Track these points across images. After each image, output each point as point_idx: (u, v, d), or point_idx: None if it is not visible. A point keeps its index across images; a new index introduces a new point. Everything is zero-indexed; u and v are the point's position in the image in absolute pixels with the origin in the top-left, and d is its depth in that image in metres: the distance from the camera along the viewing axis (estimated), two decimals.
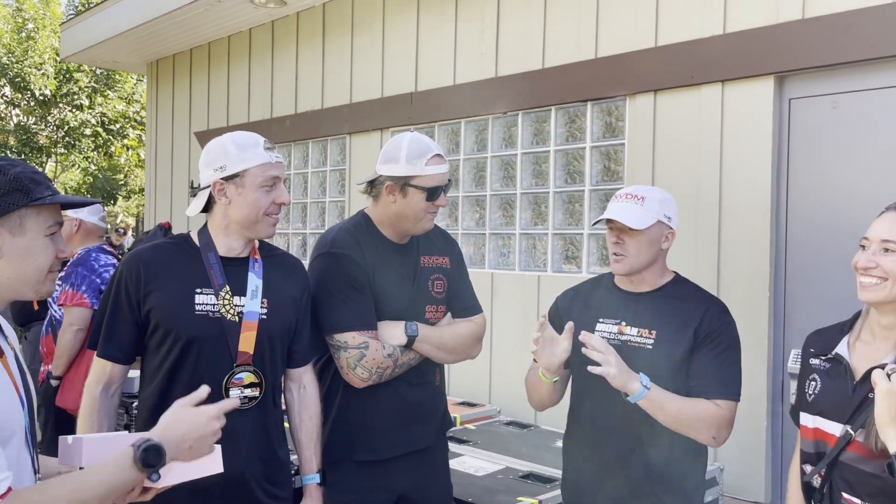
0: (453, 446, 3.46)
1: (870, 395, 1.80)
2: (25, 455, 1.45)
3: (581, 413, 2.37)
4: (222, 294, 2.11)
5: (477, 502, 2.92)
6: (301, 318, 2.26)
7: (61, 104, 17.20)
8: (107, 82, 17.65)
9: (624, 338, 2.25)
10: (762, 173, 3.69)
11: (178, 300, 2.08)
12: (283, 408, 2.32)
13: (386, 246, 2.41)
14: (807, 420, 1.96)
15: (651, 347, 2.20)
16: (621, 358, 2.17)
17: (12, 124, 17.72)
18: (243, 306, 2.13)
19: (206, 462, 1.65)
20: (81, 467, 1.50)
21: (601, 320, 2.31)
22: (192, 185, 2.23)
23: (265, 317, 2.15)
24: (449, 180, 2.39)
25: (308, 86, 6.37)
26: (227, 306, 2.10)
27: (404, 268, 2.42)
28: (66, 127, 17.30)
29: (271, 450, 2.21)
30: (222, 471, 1.65)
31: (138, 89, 17.92)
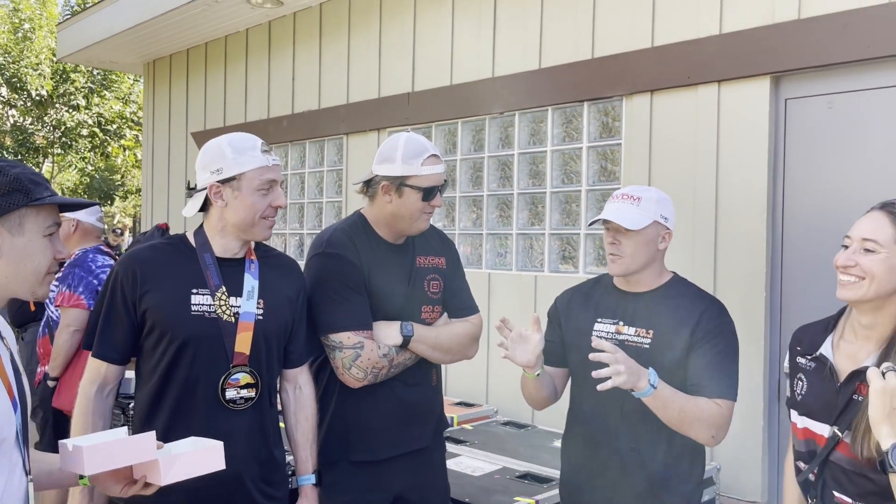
0: (450, 446, 3.46)
1: (854, 396, 1.81)
2: (17, 457, 1.45)
3: (580, 412, 2.38)
4: (218, 295, 2.11)
5: (474, 502, 2.92)
6: (297, 319, 2.26)
7: (58, 104, 17.18)
8: (103, 82, 17.64)
9: (621, 337, 2.25)
10: (758, 173, 3.70)
11: (174, 301, 2.08)
12: (279, 408, 2.32)
13: (382, 246, 2.41)
14: (796, 419, 1.97)
15: (648, 347, 2.21)
16: None
17: (9, 125, 17.69)
18: (239, 307, 2.12)
19: (208, 458, 1.65)
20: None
21: (599, 320, 2.32)
22: (189, 185, 2.23)
23: (261, 317, 2.15)
24: (445, 180, 2.39)
25: (305, 86, 6.36)
26: (224, 307, 2.10)
27: (400, 268, 2.42)
28: (62, 127, 17.28)
29: (267, 450, 2.21)
30: (224, 467, 1.65)
31: (135, 89, 17.91)
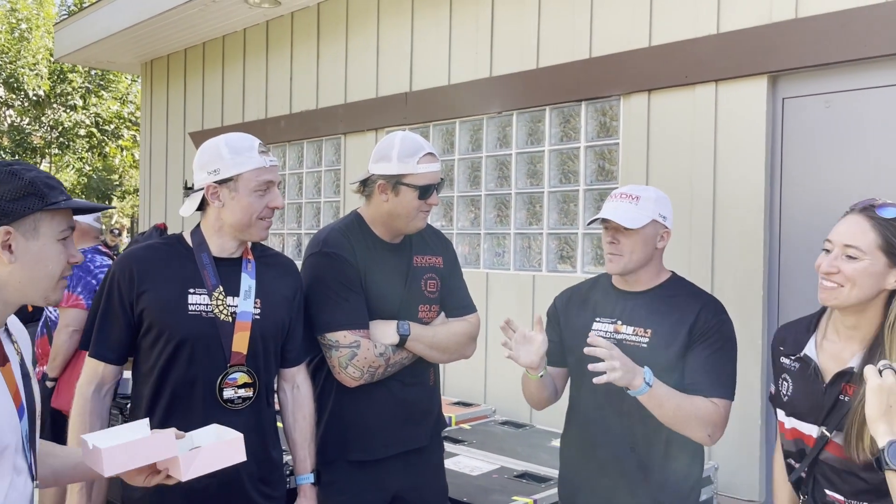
0: (449, 446, 3.46)
1: (840, 396, 1.82)
2: (22, 464, 1.44)
3: (578, 412, 2.38)
4: (215, 294, 2.11)
5: (472, 502, 2.92)
6: (294, 318, 2.26)
7: (55, 104, 17.16)
8: (101, 83, 17.62)
9: (620, 336, 2.26)
10: (756, 172, 3.70)
11: (171, 300, 2.08)
12: (276, 408, 2.32)
13: (378, 245, 2.41)
14: (783, 419, 1.97)
15: (646, 346, 2.21)
16: None
17: (6, 125, 17.67)
18: (236, 306, 2.12)
19: (229, 451, 1.66)
20: None
21: (597, 319, 2.32)
22: (186, 185, 2.23)
23: (258, 317, 2.15)
24: (441, 179, 2.39)
25: (303, 86, 6.36)
26: (221, 306, 2.10)
27: (397, 267, 2.42)
28: (60, 127, 17.26)
29: (265, 450, 2.21)
30: (245, 459, 1.66)
31: (133, 89, 17.89)
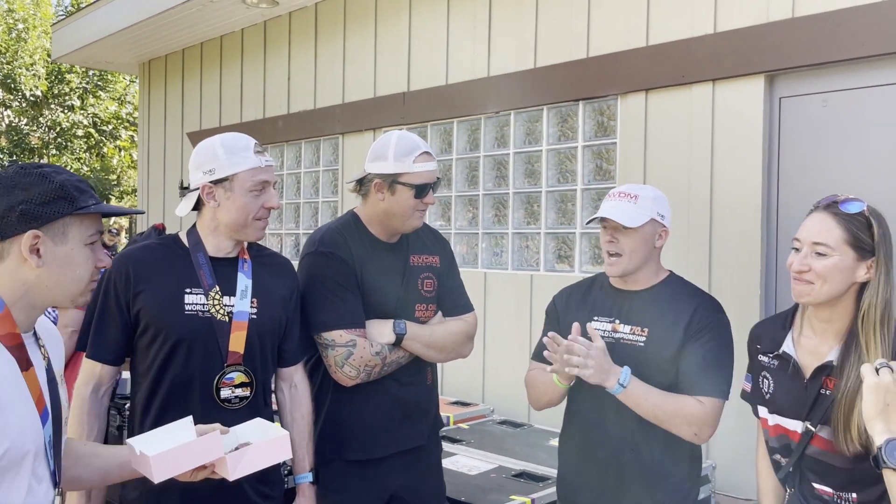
0: (447, 445, 3.46)
1: (822, 391, 1.85)
2: (44, 471, 1.43)
3: (577, 411, 2.38)
4: (212, 294, 2.10)
5: (470, 501, 2.92)
6: (291, 318, 2.26)
7: (53, 105, 17.15)
8: (99, 83, 17.61)
9: (617, 335, 2.26)
10: (753, 171, 3.71)
11: (167, 300, 2.07)
12: (273, 407, 2.32)
13: (375, 245, 2.41)
14: (767, 416, 1.99)
15: (643, 345, 2.21)
16: (614, 355, 2.19)
17: (4, 125, 17.65)
18: (233, 306, 2.12)
19: (275, 450, 1.66)
20: None
21: (596, 318, 2.32)
22: (182, 185, 2.23)
23: (255, 316, 2.15)
24: (438, 178, 2.39)
25: (300, 86, 6.36)
26: (217, 306, 2.10)
27: (393, 266, 2.42)
28: (57, 128, 17.25)
29: None
30: (291, 456, 1.66)
31: (130, 90, 17.88)
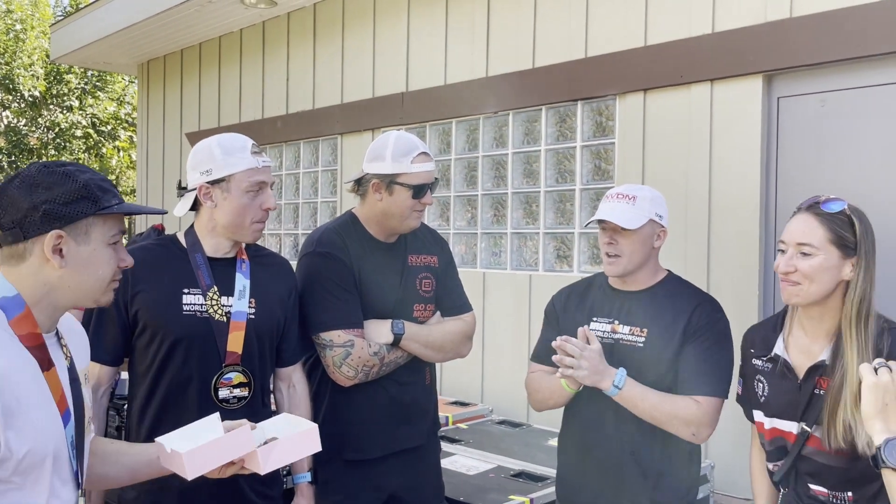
0: (445, 445, 3.46)
1: (815, 391, 1.86)
2: (67, 472, 1.42)
3: (576, 411, 2.37)
4: (210, 294, 2.11)
5: (469, 501, 2.92)
6: (289, 318, 2.26)
7: (51, 105, 17.13)
8: (97, 83, 17.59)
9: (616, 336, 2.26)
10: (751, 171, 3.71)
11: (165, 300, 2.07)
12: (272, 408, 2.32)
13: (373, 245, 2.41)
14: (763, 420, 2.00)
15: (642, 345, 2.21)
16: (614, 355, 2.19)
17: (2, 126, 17.64)
18: (231, 306, 2.12)
19: (304, 443, 1.66)
20: None
21: (595, 319, 2.32)
22: (180, 185, 2.23)
23: (253, 316, 2.15)
24: (436, 178, 2.39)
25: (299, 86, 6.36)
26: (215, 306, 2.10)
27: (391, 266, 2.42)
28: (56, 128, 17.23)
29: None
30: (321, 449, 1.66)
31: (129, 90, 17.87)
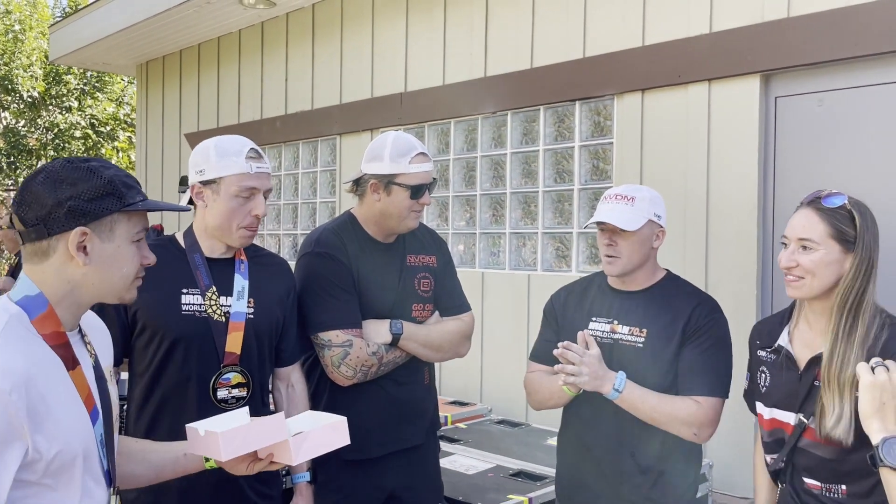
0: (444, 445, 3.46)
1: (815, 382, 1.87)
2: (97, 470, 1.41)
3: (576, 410, 2.37)
4: (209, 294, 2.11)
5: (468, 501, 2.93)
6: (288, 318, 2.26)
7: (50, 106, 17.12)
8: (96, 84, 17.59)
9: (616, 336, 2.26)
10: (749, 171, 3.72)
11: (164, 300, 2.08)
12: (271, 407, 2.33)
13: (371, 245, 2.41)
14: (763, 411, 2.01)
15: (642, 346, 2.22)
16: (613, 356, 2.20)
17: (1, 127, 17.63)
18: (230, 306, 2.13)
19: (334, 435, 1.65)
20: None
21: (594, 319, 2.32)
22: (181, 180, 2.24)
23: (252, 316, 2.15)
24: (434, 179, 2.39)
25: (298, 87, 6.37)
26: (214, 306, 2.11)
27: (390, 266, 2.42)
28: (55, 129, 17.22)
29: None
30: (349, 442, 1.66)
31: (128, 91, 17.86)
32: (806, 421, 1.87)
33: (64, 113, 17.41)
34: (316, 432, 1.62)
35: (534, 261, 4.72)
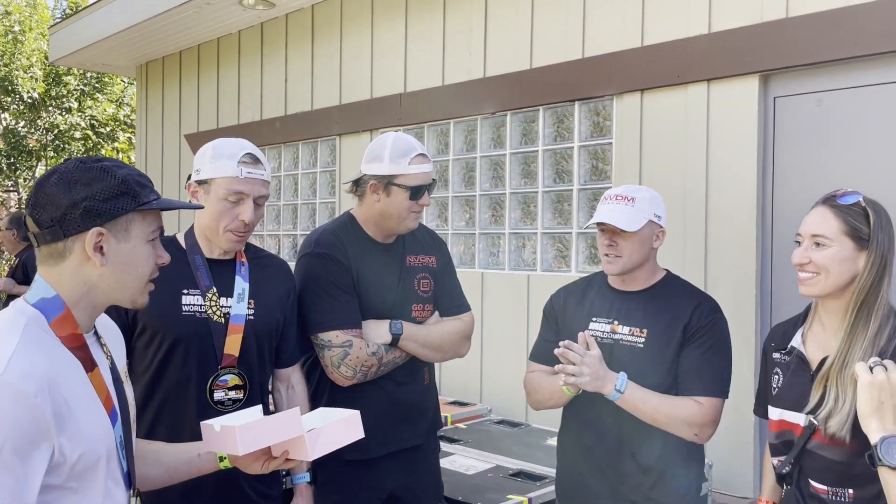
0: (444, 445, 3.47)
1: (826, 383, 1.85)
2: (117, 472, 1.40)
3: (576, 410, 2.38)
4: (209, 295, 2.11)
5: (467, 501, 2.93)
6: (288, 319, 2.27)
7: (50, 107, 17.12)
8: (96, 85, 17.59)
9: (616, 336, 2.26)
10: (748, 171, 3.72)
11: (165, 301, 2.07)
12: (271, 408, 2.33)
13: (371, 245, 2.42)
14: (773, 413, 2.00)
15: (642, 346, 2.22)
16: (614, 356, 2.20)
17: (1, 128, 17.63)
18: (230, 308, 2.13)
19: (349, 430, 1.66)
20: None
21: (594, 319, 2.32)
22: (189, 177, 2.25)
23: (252, 317, 2.16)
24: (433, 179, 2.40)
25: (297, 87, 6.37)
26: (214, 307, 2.11)
27: (389, 267, 2.43)
28: (55, 130, 17.23)
29: None
30: (363, 436, 1.67)
31: (128, 92, 17.86)
32: (816, 422, 1.85)
33: (64, 114, 17.41)
34: (330, 427, 1.62)
35: (533, 261, 4.73)
